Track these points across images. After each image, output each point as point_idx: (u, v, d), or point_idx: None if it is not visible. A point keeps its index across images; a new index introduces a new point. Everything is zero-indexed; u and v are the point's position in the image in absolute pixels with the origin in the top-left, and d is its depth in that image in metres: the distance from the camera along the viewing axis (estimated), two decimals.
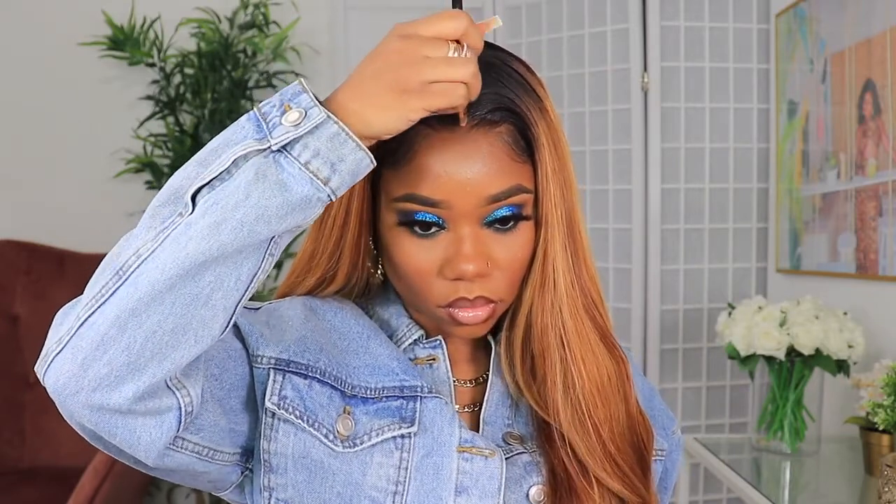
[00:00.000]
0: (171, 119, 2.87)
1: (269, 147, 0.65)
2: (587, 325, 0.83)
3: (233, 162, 0.65)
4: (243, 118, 0.67)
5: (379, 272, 0.87)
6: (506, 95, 0.78)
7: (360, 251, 0.84)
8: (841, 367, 1.87)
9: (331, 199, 0.67)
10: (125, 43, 2.81)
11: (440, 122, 0.76)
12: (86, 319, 0.64)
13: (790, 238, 2.41)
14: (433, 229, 0.78)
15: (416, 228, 0.79)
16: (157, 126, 2.92)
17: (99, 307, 0.64)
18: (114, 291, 0.64)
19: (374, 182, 0.81)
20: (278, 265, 2.87)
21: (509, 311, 0.85)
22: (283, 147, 0.65)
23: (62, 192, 2.94)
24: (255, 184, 0.64)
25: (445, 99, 0.67)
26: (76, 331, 0.64)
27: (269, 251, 0.67)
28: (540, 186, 0.80)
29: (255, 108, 0.68)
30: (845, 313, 1.91)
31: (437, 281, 0.79)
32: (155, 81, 2.88)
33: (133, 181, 2.91)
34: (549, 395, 0.83)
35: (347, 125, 0.66)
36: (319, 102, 0.67)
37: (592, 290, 0.84)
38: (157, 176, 2.84)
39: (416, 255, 0.79)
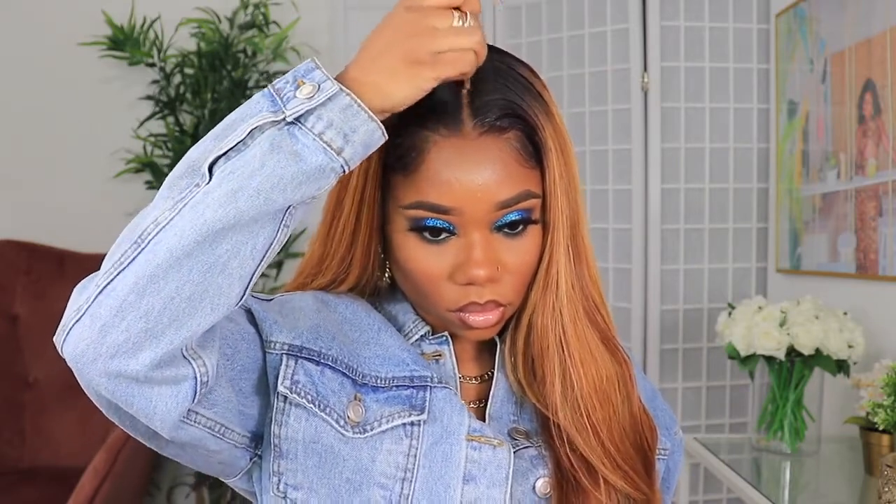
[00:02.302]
0: (171, 119, 2.87)
1: (284, 119, 0.67)
2: (588, 328, 0.84)
3: (248, 133, 0.67)
4: (257, 94, 0.69)
5: (386, 276, 0.87)
6: (513, 101, 0.79)
7: (371, 256, 0.85)
8: (841, 367, 1.87)
9: (344, 170, 0.68)
10: (125, 43, 2.81)
11: (448, 129, 0.77)
12: (104, 287, 0.65)
13: (790, 238, 2.41)
14: (443, 235, 0.79)
15: (427, 234, 0.80)
16: (157, 126, 2.91)
17: (118, 274, 0.65)
18: (133, 259, 0.65)
19: (383, 187, 0.82)
20: (278, 265, 2.88)
21: (515, 312, 0.85)
22: (298, 119, 0.67)
23: (62, 192, 2.94)
24: (270, 154, 0.66)
25: (456, 67, 0.70)
26: (95, 298, 0.65)
27: (284, 222, 0.68)
28: (547, 190, 0.81)
29: (268, 86, 0.69)
30: (845, 313, 1.91)
31: (448, 285, 0.80)
32: (155, 81, 2.88)
33: (133, 181, 2.91)
34: (548, 396, 0.84)
35: (361, 98, 0.68)
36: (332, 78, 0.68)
37: (594, 293, 0.85)
38: (157, 176, 2.84)
39: (425, 260, 0.80)
